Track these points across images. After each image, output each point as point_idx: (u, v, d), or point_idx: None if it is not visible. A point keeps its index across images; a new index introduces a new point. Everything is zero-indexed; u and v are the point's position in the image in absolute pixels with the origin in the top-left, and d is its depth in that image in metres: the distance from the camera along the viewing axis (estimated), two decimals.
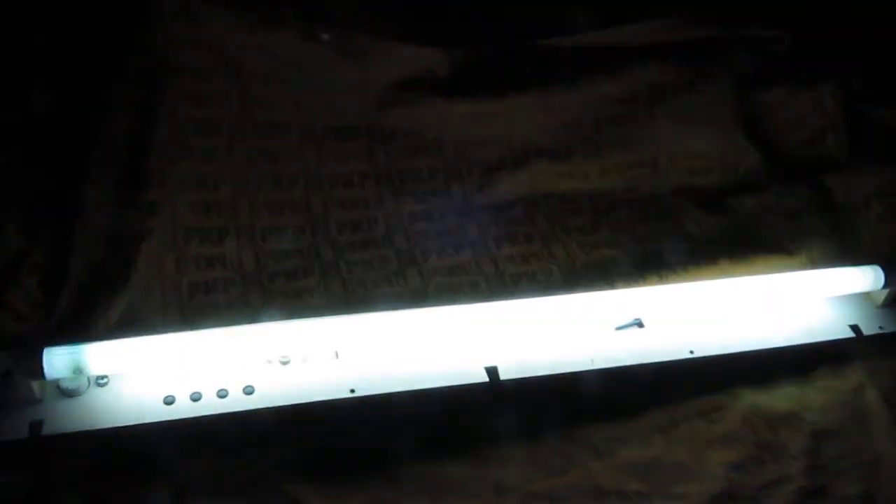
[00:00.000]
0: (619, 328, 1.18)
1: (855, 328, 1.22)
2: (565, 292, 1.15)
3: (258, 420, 0.99)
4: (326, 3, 1.35)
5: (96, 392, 1.00)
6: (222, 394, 1.01)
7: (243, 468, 0.96)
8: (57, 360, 0.95)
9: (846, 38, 1.53)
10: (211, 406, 1.00)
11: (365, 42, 1.35)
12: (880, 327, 1.23)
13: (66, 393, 0.99)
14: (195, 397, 1.01)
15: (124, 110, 1.23)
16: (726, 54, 1.51)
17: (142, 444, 0.96)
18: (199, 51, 1.29)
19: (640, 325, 1.18)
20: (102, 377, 1.01)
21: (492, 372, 1.08)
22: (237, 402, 1.01)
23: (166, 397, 1.00)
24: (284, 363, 1.06)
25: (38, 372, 0.94)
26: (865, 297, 1.26)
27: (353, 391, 1.04)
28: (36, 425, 0.95)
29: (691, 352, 1.15)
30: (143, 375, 1.02)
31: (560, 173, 1.36)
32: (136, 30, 1.28)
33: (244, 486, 0.94)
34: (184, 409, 1.00)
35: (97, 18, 1.28)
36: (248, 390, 1.02)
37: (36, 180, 1.16)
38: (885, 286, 1.22)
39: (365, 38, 1.35)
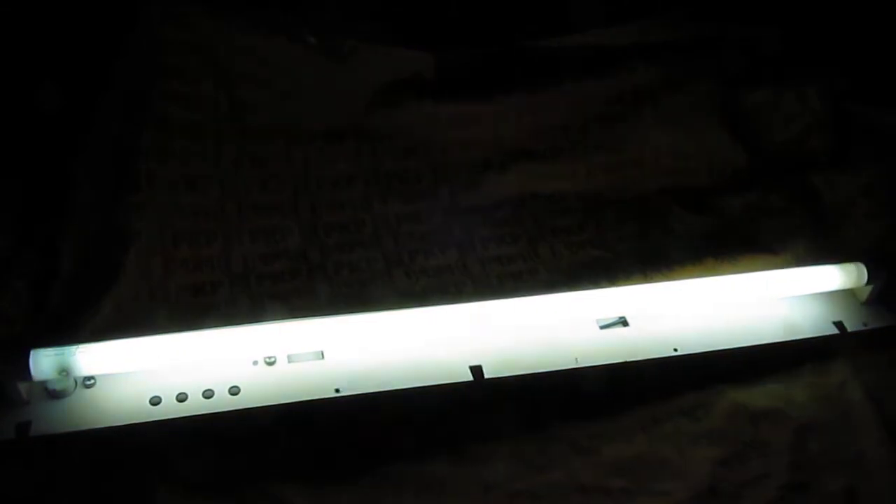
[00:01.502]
0: (603, 327, 1.18)
1: (839, 325, 1.23)
2: (551, 292, 1.15)
3: (244, 420, 1.00)
4: (313, 6, 1.36)
5: (83, 393, 1.01)
6: (208, 394, 1.02)
7: (229, 468, 0.96)
8: (44, 362, 0.96)
9: (833, 38, 1.53)
10: (197, 406, 1.01)
11: (352, 45, 1.36)
12: (864, 324, 1.23)
13: (53, 394, 0.99)
14: (181, 398, 1.01)
15: (113, 113, 1.24)
16: (713, 54, 1.52)
17: (128, 445, 0.96)
18: (187, 54, 1.30)
19: (625, 323, 1.19)
20: (89, 378, 1.01)
21: (476, 371, 1.09)
22: (223, 403, 1.01)
23: (152, 398, 1.01)
24: (270, 363, 1.06)
25: (25, 373, 0.95)
26: (849, 293, 1.26)
27: (338, 391, 1.04)
28: (23, 427, 0.96)
29: (675, 349, 1.15)
30: (130, 376, 1.02)
31: (546, 174, 1.37)
32: (125, 33, 1.29)
33: (230, 486, 0.94)
34: (170, 410, 1.00)
35: (86, 22, 1.29)
36: (234, 390, 1.03)
37: (24, 182, 1.17)
38: (868, 283, 1.22)
39: (352, 40, 1.36)
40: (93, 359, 0.98)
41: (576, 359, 1.12)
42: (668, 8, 1.50)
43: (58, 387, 0.99)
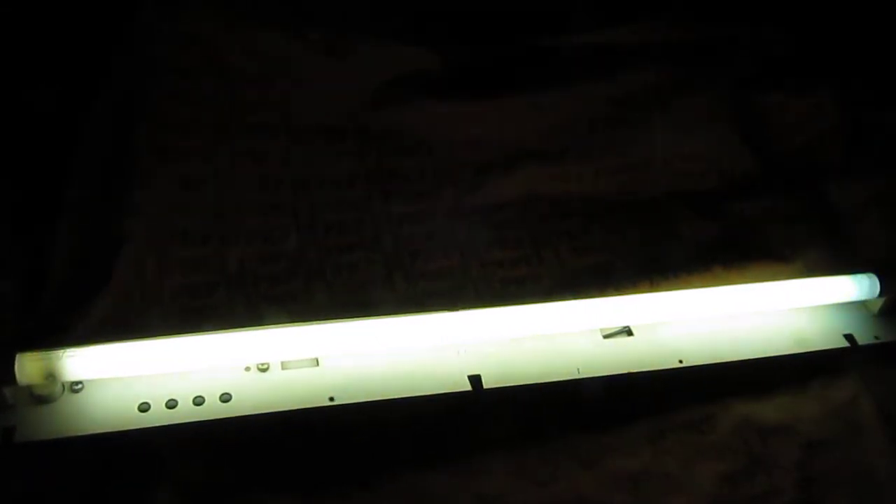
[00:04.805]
0: (607, 336, 1.15)
1: (850, 337, 1.20)
2: (555, 298, 1.13)
3: (235, 428, 0.97)
4: (315, 2, 1.34)
5: (70, 398, 0.98)
6: (198, 401, 0.99)
7: (219, 478, 0.94)
8: (30, 366, 0.93)
9: (846, 42, 1.51)
10: (187, 413, 0.98)
11: (354, 41, 1.34)
12: (876, 337, 1.21)
13: (39, 399, 0.97)
14: (171, 404, 0.99)
15: (109, 110, 1.22)
16: (725, 56, 1.50)
17: (115, 453, 0.93)
18: (185, 50, 1.28)
19: (629, 332, 1.16)
20: (77, 383, 0.99)
21: (475, 380, 1.06)
22: (214, 410, 0.99)
23: (141, 404, 0.98)
24: (263, 370, 1.04)
25: (11, 377, 0.92)
26: (861, 305, 1.23)
27: (332, 399, 1.02)
28: (8, 432, 0.93)
29: (681, 361, 1.13)
30: (118, 382, 0.99)
31: (552, 176, 1.34)
32: (123, 29, 1.27)
33: (220, 497, 0.93)
34: (159, 417, 0.97)
35: (83, 18, 1.27)
36: (225, 397, 1.00)
37: (15, 180, 1.15)
38: (880, 294, 1.20)
39: (354, 37, 1.34)
40: (81, 363, 0.95)
41: (578, 369, 1.10)
42: (678, 8, 1.48)
43: (44, 391, 0.96)
